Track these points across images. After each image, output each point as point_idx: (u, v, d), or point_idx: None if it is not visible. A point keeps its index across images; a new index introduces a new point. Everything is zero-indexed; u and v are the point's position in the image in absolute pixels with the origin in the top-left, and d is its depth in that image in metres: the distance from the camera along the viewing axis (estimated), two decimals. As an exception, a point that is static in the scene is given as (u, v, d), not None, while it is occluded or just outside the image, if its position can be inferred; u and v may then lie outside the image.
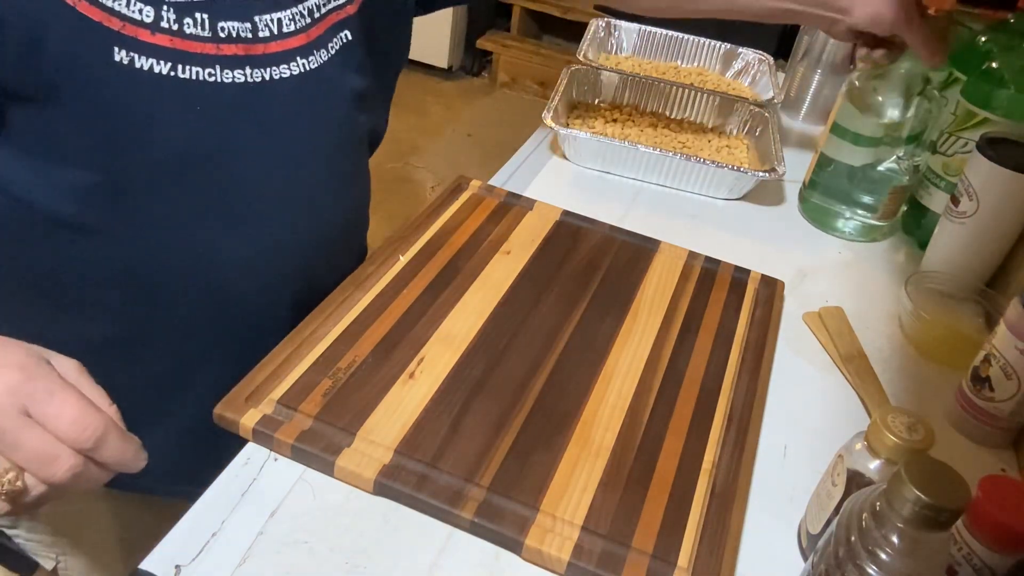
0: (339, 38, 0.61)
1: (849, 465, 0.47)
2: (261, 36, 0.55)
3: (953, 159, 0.79)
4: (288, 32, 0.56)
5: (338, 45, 0.61)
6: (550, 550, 0.47)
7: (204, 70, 0.53)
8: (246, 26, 0.54)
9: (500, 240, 0.72)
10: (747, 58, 1.13)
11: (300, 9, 0.57)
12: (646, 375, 0.60)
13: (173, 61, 0.51)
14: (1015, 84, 0.73)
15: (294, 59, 0.57)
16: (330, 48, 0.60)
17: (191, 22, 0.52)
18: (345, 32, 0.61)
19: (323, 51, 0.59)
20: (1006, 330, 0.58)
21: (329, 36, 0.60)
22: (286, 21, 0.56)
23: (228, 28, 0.53)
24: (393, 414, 0.53)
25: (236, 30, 0.54)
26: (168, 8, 0.51)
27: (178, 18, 0.51)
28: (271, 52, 0.56)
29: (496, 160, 0.90)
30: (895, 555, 0.38)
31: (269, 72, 0.56)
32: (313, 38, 0.58)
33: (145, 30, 0.50)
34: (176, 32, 0.51)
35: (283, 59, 0.56)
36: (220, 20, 0.53)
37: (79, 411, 0.41)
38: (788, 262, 0.79)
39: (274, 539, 0.47)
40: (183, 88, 0.52)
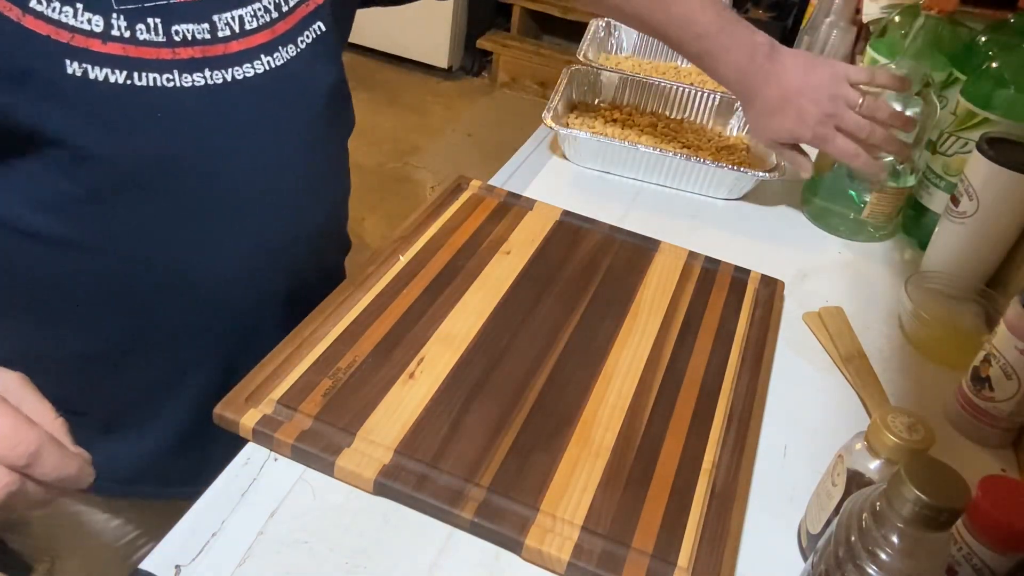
0: (311, 31, 0.59)
1: (849, 465, 0.47)
2: (221, 36, 0.53)
3: (953, 159, 0.79)
4: (251, 29, 0.55)
5: (310, 39, 0.59)
6: (550, 550, 0.47)
7: (162, 76, 0.51)
8: (203, 27, 0.52)
9: (500, 240, 0.72)
10: (747, 58, 1.13)
11: (265, 4, 0.55)
12: (646, 375, 0.60)
13: (128, 69, 0.49)
14: (1015, 84, 0.73)
15: (257, 57, 0.55)
16: (300, 43, 0.58)
17: (144, 28, 0.50)
18: (318, 24, 0.59)
19: (291, 46, 0.57)
20: (1006, 330, 0.58)
21: (299, 30, 0.58)
22: (248, 18, 0.54)
23: (183, 31, 0.51)
24: (393, 414, 0.53)
25: (192, 32, 0.52)
26: (118, 16, 0.49)
27: (130, 25, 0.49)
28: (232, 52, 0.54)
29: (496, 160, 0.90)
30: (895, 555, 0.38)
31: (231, 73, 0.54)
32: (279, 33, 0.56)
33: (96, 40, 0.48)
34: (129, 40, 0.49)
35: (245, 58, 0.54)
36: (174, 23, 0.51)
37: (10, 428, 0.39)
38: (788, 262, 0.79)
39: (274, 539, 0.47)
40: (141, 96, 0.50)
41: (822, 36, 1.07)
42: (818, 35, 1.07)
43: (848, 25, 1.06)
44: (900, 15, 0.90)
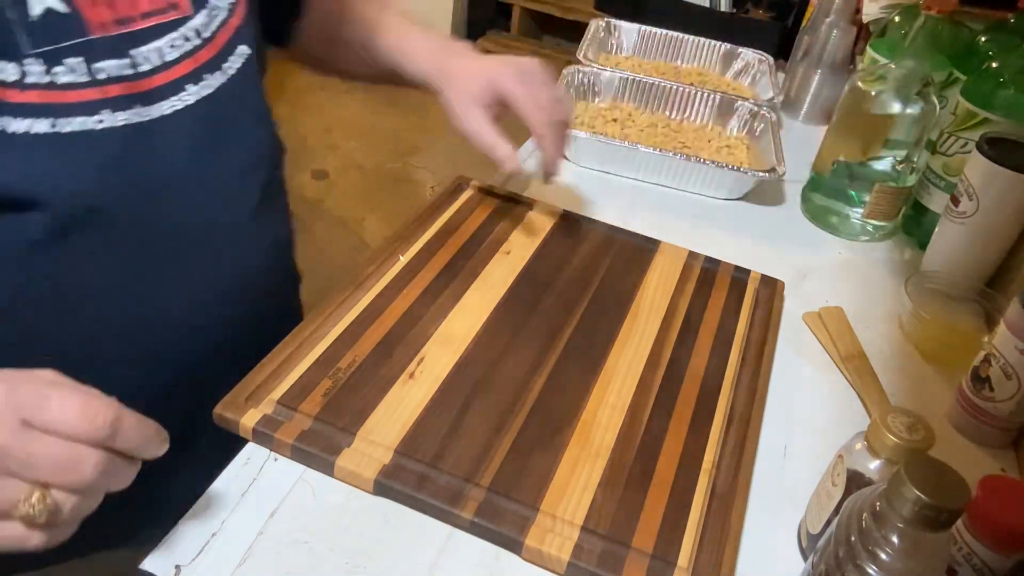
0: (237, 55, 0.56)
1: (849, 465, 0.47)
2: (142, 71, 0.50)
3: (953, 159, 0.79)
4: (172, 60, 0.51)
5: (238, 63, 0.56)
6: (550, 550, 0.47)
7: (91, 118, 0.47)
8: (124, 63, 0.49)
9: (500, 240, 0.72)
10: (747, 58, 1.13)
11: (183, 32, 0.52)
12: (646, 375, 0.60)
13: (52, 117, 0.46)
14: (1015, 84, 0.73)
15: (183, 88, 0.52)
16: (227, 69, 0.55)
17: (63, 70, 0.46)
18: (242, 48, 0.56)
19: (218, 73, 0.54)
20: (1006, 330, 0.58)
21: (224, 56, 0.55)
22: (167, 49, 0.51)
23: (106, 68, 0.48)
24: (393, 414, 0.53)
25: (115, 70, 0.48)
26: (33, 60, 0.45)
27: (48, 68, 0.45)
28: (157, 86, 0.50)
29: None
30: (895, 555, 0.38)
31: (160, 108, 0.51)
32: (203, 61, 0.53)
33: (12, 90, 0.44)
34: (47, 85, 0.45)
35: (171, 91, 0.51)
36: (95, 61, 0.47)
37: (82, 402, 0.37)
38: (788, 262, 0.79)
39: (274, 539, 0.47)
40: (70, 143, 0.47)
41: (822, 36, 1.07)
42: (818, 35, 1.07)
43: (848, 25, 1.06)
44: (900, 15, 0.91)
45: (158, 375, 0.58)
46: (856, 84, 0.81)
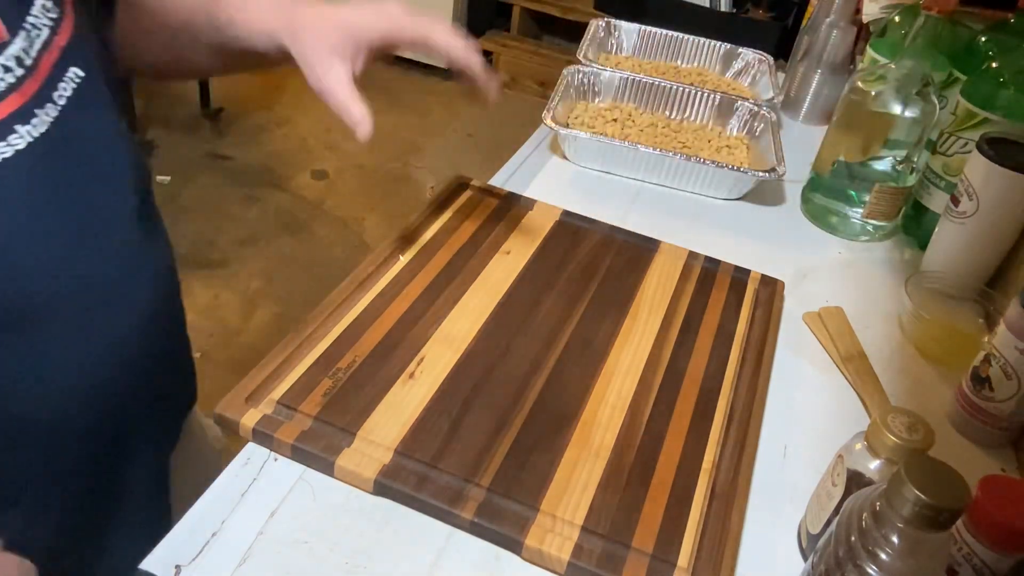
0: (67, 80, 0.47)
1: (849, 465, 0.47)
2: None
3: (953, 159, 0.79)
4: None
5: (68, 90, 0.47)
6: (550, 550, 0.47)
7: None
8: None
9: (500, 240, 0.72)
10: (747, 58, 1.13)
11: (4, 62, 0.43)
12: (646, 375, 0.60)
13: None
14: (1015, 84, 0.73)
15: (12, 130, 0.43)
16: (58, 99, 0.46)
17: None
18: (73, 71, 0.47)
19: (49, 105, 0.45)
20: (1006, 330, 0.58)
21: (52, 84, 0.46)
22: None
23: None
24: (393, 414, 0.53)
25: None
26: None
27: None
28: None
29: (496, 160, 0.90)
30: (895, 555, 0.38)
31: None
32: (29, 95, 0.44)
33: None
34: None
35: (2, 133, 0.43)
36: None
37: None
38: (788, 262, 0.79)
39: (274, 539, 0.47)
40: None
41: (822, 36, 1.07)
42: (818, 35, 1.07)
43: (848, 25, 1.06)
44: (900, 15, 0.91)
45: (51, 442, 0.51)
46: (856, 84, 0.81)
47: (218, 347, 1.81)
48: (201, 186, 2.37)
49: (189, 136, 2.59)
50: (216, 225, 2.20)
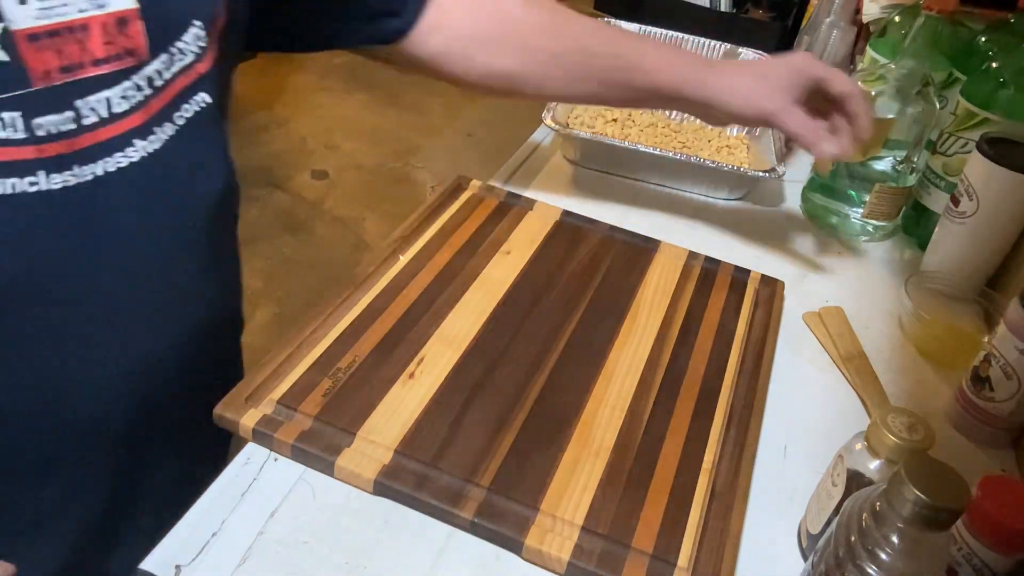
0: (192, 103, 0.50)
1: (849, 465, 0.47)
2: (87, 124, 0.44)
3: (953, 159, 0.79)
4: (120, 112, 0.46)
5: (191, 112, 0.50)
6: (550, 550, 0.47)
7: (24, 179, 0.43)
8: (67, 116, 0.44)
9: (500, 240, 0.72)
10: (747, 58, 1.13)
11: (136, 81, 0.46)
12: (646, 375, 0.60)
13: None
14: (1015, 84, 0.73)
15: (130, 143, 0.46)
16: (178, 119, 0.49)
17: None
18: (201, 96, 0.50)
19: (168, 125, 0.49)
20: (1006, 330, 0.58)
21: (176, 105, 0.49)
22: (116, 99, 0.45)
23: (46, 125, 0.43)
24: (393, 414, 0.53)
25: (55, 125, 0.43)
26: None
27: None
28: (102, 141, 0.45)
29: (496, 160, 0.90)
30: (895, 555, 0.38)
31: (102, 166, 0.46)
32: (153, 112, 0.47)
33: None
34: None
35: (116, 146, 0.46)
36: (35, 116, 0.42)
37: None
38: (788, 262, 0.79)
39: (274, 539, 0.47)
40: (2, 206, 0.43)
41: (822, 36, 1.07)
42: (818, 35, 1.07)
43: (848, 25, 1.06)
44: (900, 15, 0.90)
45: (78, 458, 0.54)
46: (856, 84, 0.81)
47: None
48: (201, 186, 2.36)
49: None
50: (216, 225, 2.20)
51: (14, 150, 0.42)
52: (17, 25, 0.41)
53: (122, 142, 0.46)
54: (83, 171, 0.45)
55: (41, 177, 0.44)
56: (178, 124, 0.49)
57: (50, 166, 0.44)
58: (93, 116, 0.45)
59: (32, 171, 0.43)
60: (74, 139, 0.44)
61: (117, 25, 0.44)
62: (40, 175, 0.44)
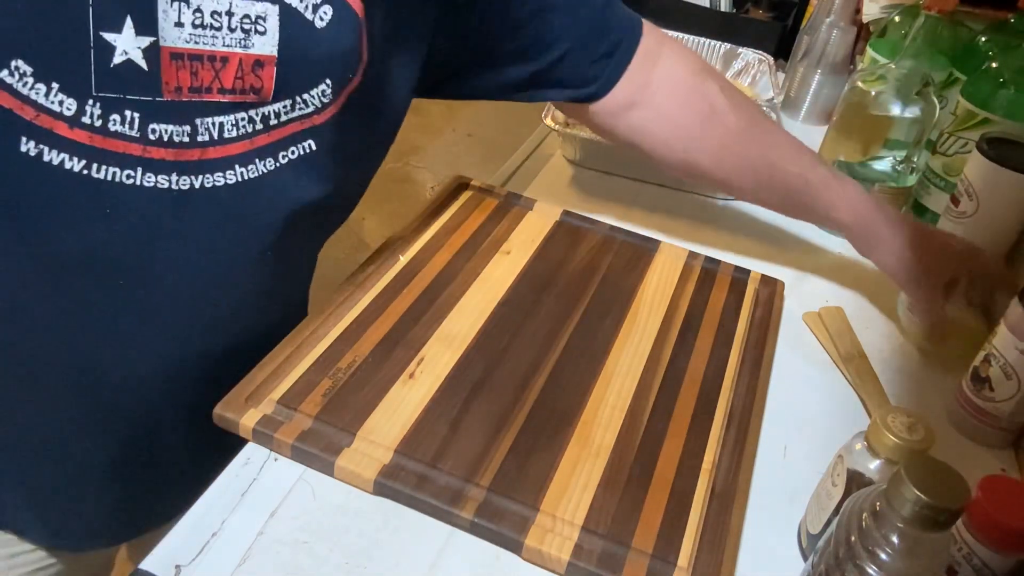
0: (300, 148, 0.53)
1: (849, 465, 0.47)
2: (200, 140, 0.48)
3: (953, 159, 0.79)
4: (229, 138, 0.49)
5: (295, 155, 0.53)
6: (550, 550, 0.47)
7: (123, 171, 0.46)
8: (184, 129, 0.47)
9: (500, 240, 0.72)
10: (747, 58, 1.13)
11: (251, 114, 0.50)
12: (646, 375, 0.60)
13: (88, 159, 0.45)
14: (1015, 84, 0.73)
15: (231, 167, 0.50)
16: (282, 157, 0.52)
17: (118, 119, 0.45)
18: (308, 142, 0.53)
19: (270, 159, 0.52)
20: (1006, 330, 0.58)
21: (284, 145, 0.52)
22: (228, 126, 0.49)
23: (161, 131, 0.46)
24: (393, 414, 0.53)
25: (171, 133, 0.47)
26: (95, 102, 0.44)
27: (104, 114, 0.45)
28: (208, 159, 0.49)
29: (496, 160, 0.90)
30: (895, 555, 0.38)
31: (200, 180, 0.49)
32: (259, 145, 0.51)
33: (63, 123, 0.44)
34: (98, 129, 0.45)
35: (219, 166, 0.50)
36: (153, 121, 0.46)
37: None
38: (788, 262, 0.79)
39: (274, 539, 0.47)
40: (94, 188, 0.46)
41: (822, 36, 1.07)
42: (818, 35, 1.07)
43: (848, 25, 1.06)
44: (900, 15, 0.91)
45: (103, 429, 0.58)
46: (856, 84, 0.81)
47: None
48: (201, 186, 2.36)
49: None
50: (216, 225, 2.20)
51: (123, 144, 0.46)
52: (166, 43, 0.45)
53: (224, 163, 0.49)
54: (180, 181, 0.48)
55: (138, 173, 0.47)
56: (281, 161, 0.52)
57: (149, 166, 0.47)
58: (207, 135, 0.48)
59: (132, 166, 0.47)
60: (182, 151, 0.48)
61: (253, 66, 0.48)
62: (138, 171, 0.47)
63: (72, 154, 0.45)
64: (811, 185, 0.70)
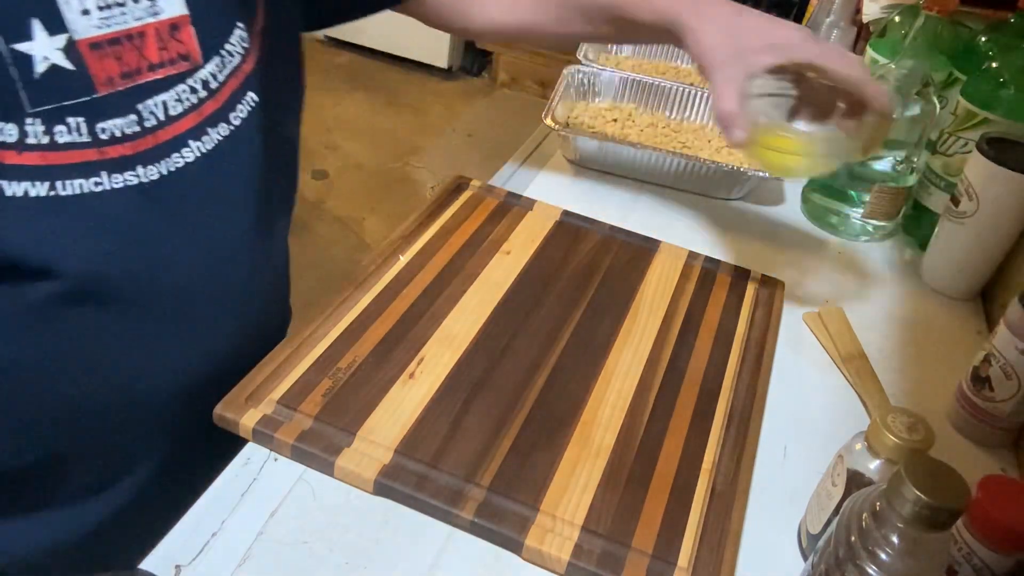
0: (244, 103, 0.52)
1: (849, 465, 0.47)
2: (148, 126, 0.47)
3: (953, 159, 0.79)
4: (176, 115, 0.48)
5: (244, 112, 0.52)
6: (550, 550, 0.47)
7: (89, 180, 0.45)
8: (130, 119, 0.46)
9: (500, 240, 0.72)
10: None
11: (190, 84, 0.48)
12: (646, 375, 0.60)
13: (50, 179, 0.43)
14: (1015, 84, 0.73)
15: (185, 144, 0.49)
16: (233, 119, 0.51)
17: (64, 129, 0.43)
18: (249, 96, 0.52)
19: (223, 125, 0.50)
20: (1006, 330, 0.58)
21: (230, 106, 0.51)
22: (172, 102, 0.47)
23: (110, 128, 0.45)
24: (393, 414, 0.53)
25: (120, 127, 0.45)
26: (34, 120, 0.42)
27: (48, 128, 0.43)
28: (162, 142, 0.47)
29: (496, 160, 0.90)
30: (895, 555, 0.38)
31: (163, 165, 0.48)
32: (207, 114, 0.49)
33: (10, 152, 0.42)
34: (48, 145, 0.43)
35: (173, 148, 0.48)
36: (99, 121, 0.44)
37: None
38: (788, 262, 0.79)
39: (274, 539, 0.47)
40: (68, 207, 0.44)
41: (822, 36, 1.07)
42: (818, 35, 1.07)
43: (848, 25, 1.06)
44: (900, 15, 0.90)
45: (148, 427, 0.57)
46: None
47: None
48: (201, 186, 2.36)
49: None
50: (216, 225, 2.20)
51: (78, 153, 0.44)
52: (80, 35, 0.43)
53: (178, 143, 0.48)
54: (146, 171, 0.47)
55: (104, 177, 0.46)
56: (234, 124, 0.51)
57: (112, 167, 0.46)
58: (153, 119, 0.47)
59: (96, 172, 0.45)
60: (136, 141, 0.46)
61: (170, 31, 0.47)
62: (103, 175, 0.45)
63: (32, 179, 0.43)
64: None
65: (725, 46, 0.59)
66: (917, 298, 0.77)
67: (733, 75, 0.58)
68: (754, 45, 0.59)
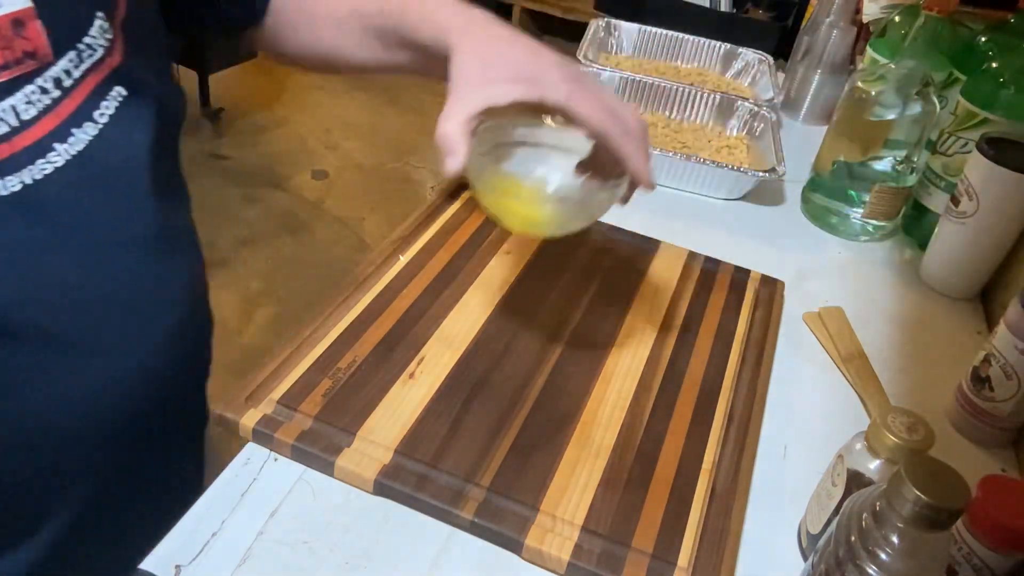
0: (111, 99, 0.47)
1: (849, 465, 0.47)
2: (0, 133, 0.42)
3: (953, 159, 0.79)
4: (30, 119, 0.43)
5: (113, 107, 0.47)
6: (550, 550, 0.47)
7: None
8: None
9: (500, 240, 0.72)
10: (747, 58, 1.13)
11: (40, 84, 0.43)
12: (646, 375, 0.60)
13: None
14: (1015, 84, 0.73)
15: (51, 149, 0.44)
16: (98, 117, 0.47)
17: None
18: (116, 90, 0.48)
19: (88, 125, 0.46)
20: (1006, 330, 0.58)
21: (93, 103, 0.46)
22: (22, 106, 0.43)
23: None
24: (393, 414, 0.53)
25: None
26: None
27: None
28: (19, 149, 0.43)
29: (496, 160, 0.90)
30: (895, 555, 0.38)
31: (29, 174, 0.43)
32: (66, 115, 0.45)
33: None
34: None
35: (38, 152, 0.44)
36: None
37: None
38: (788, 262, 0.79)
39: (274, 539, 0.47)
40: None
41: (822, 36, 1.07)
42: (818, 35, 1.07)
43: (848, 25, 1.06)
44: (900, 15, 0.91)
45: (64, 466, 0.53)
46: (856, 84, 0.81)
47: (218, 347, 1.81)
48: (201, 186, 2.36)
49: (189, 136, 2.59)
50: (216, 225, 2.20)
51: None
52: None
53: (41, 149, 0.44)
54: (8, 183, 0.43)
55: None
56: (100, 123, 0.47)
57: None
58: (4, 126, 0.42)
59: None
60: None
61: (12, 27, 0.42)
62: None
63: None
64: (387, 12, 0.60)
65: (473, 72, 0.53)
66: (917, 298, 0.77)
67: (469, 100, 0.52)
68: (503, 76, 0.53)
